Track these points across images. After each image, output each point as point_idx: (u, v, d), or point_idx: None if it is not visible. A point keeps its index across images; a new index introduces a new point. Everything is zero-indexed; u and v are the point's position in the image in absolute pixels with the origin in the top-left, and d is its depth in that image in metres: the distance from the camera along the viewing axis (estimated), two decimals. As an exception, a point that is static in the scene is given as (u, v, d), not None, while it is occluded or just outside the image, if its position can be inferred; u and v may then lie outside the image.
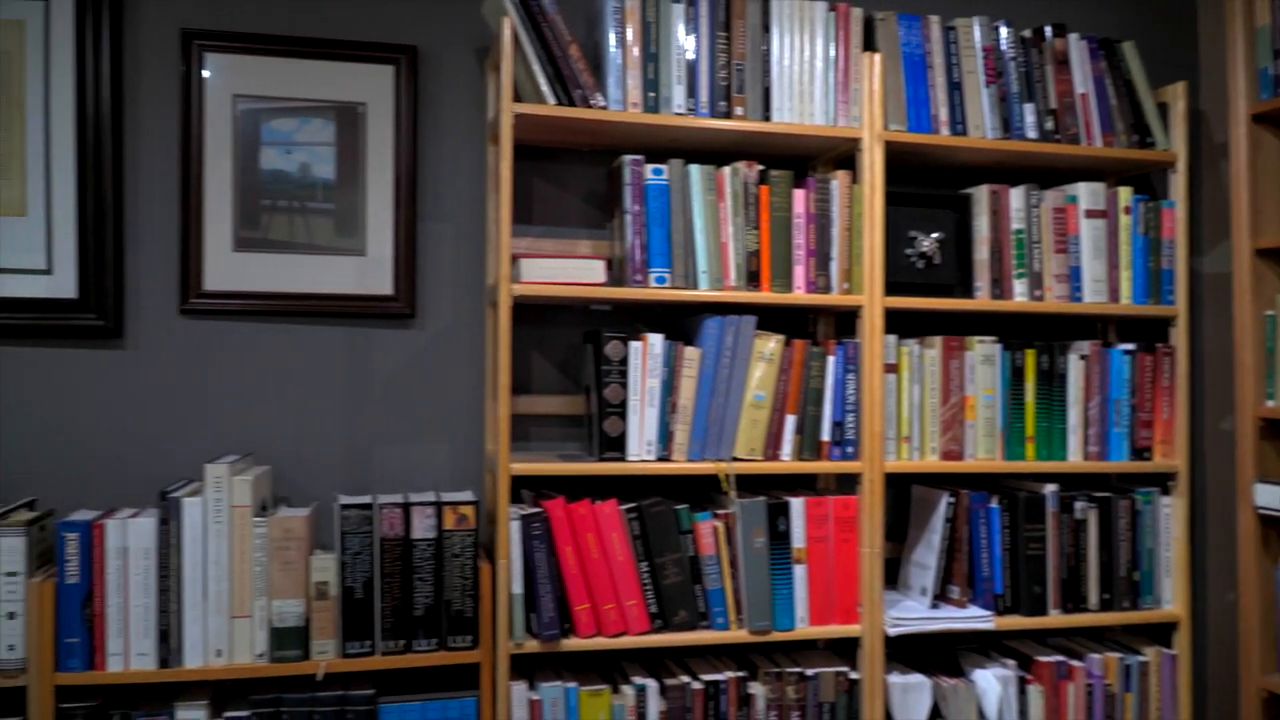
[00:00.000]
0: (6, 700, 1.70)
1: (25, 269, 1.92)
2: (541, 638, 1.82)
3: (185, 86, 1.96)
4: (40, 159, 1.91)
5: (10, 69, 1.90)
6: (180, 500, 1.72)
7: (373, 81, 2.04)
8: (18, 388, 1.92)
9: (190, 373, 1.99)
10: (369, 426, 2.06)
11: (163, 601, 1.71)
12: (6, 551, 1.66)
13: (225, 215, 1.99)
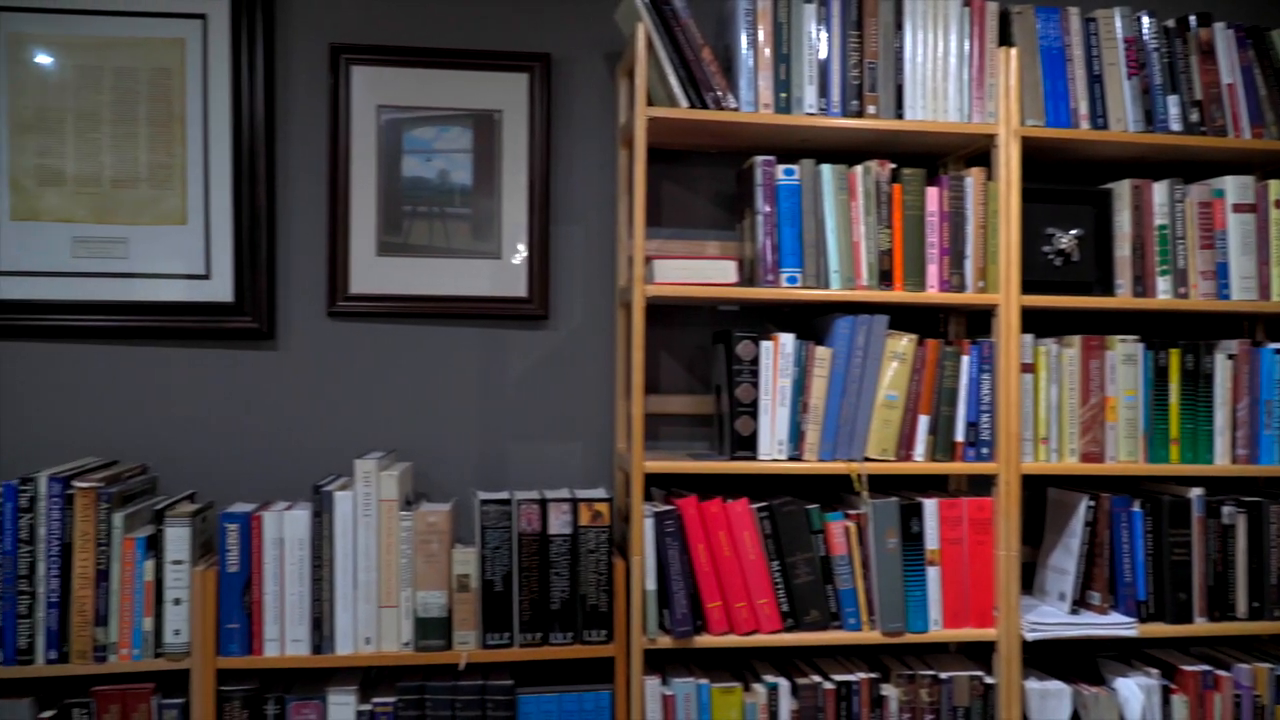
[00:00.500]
0: (172, 682, 1.81)
1: (186, 274, 2.03)
2: (675, 634, 1.84)
3: (333, 99, 2.05)
4: (199, 171, 2.03)
5: (171, 85, 2.02)
6: (332, 494, 1.80)
7: (508, 89, 2.10)
8: (179, 386, 2.04)
9: (336, 372, 2.08)
10: (503, 425, 2.12)
11: (316, 590, 1.79)
12: (172, 541, 1.76)
13: (369, 221, 2.07)
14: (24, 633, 1.72)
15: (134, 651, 1.75)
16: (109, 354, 2.02)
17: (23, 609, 1.72)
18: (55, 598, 1.72)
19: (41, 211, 1.99)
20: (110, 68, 2.00)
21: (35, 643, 1.72)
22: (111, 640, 1.74)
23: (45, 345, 2.01)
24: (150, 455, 2.03)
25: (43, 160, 1.99)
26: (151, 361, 2.03)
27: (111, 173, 2.01)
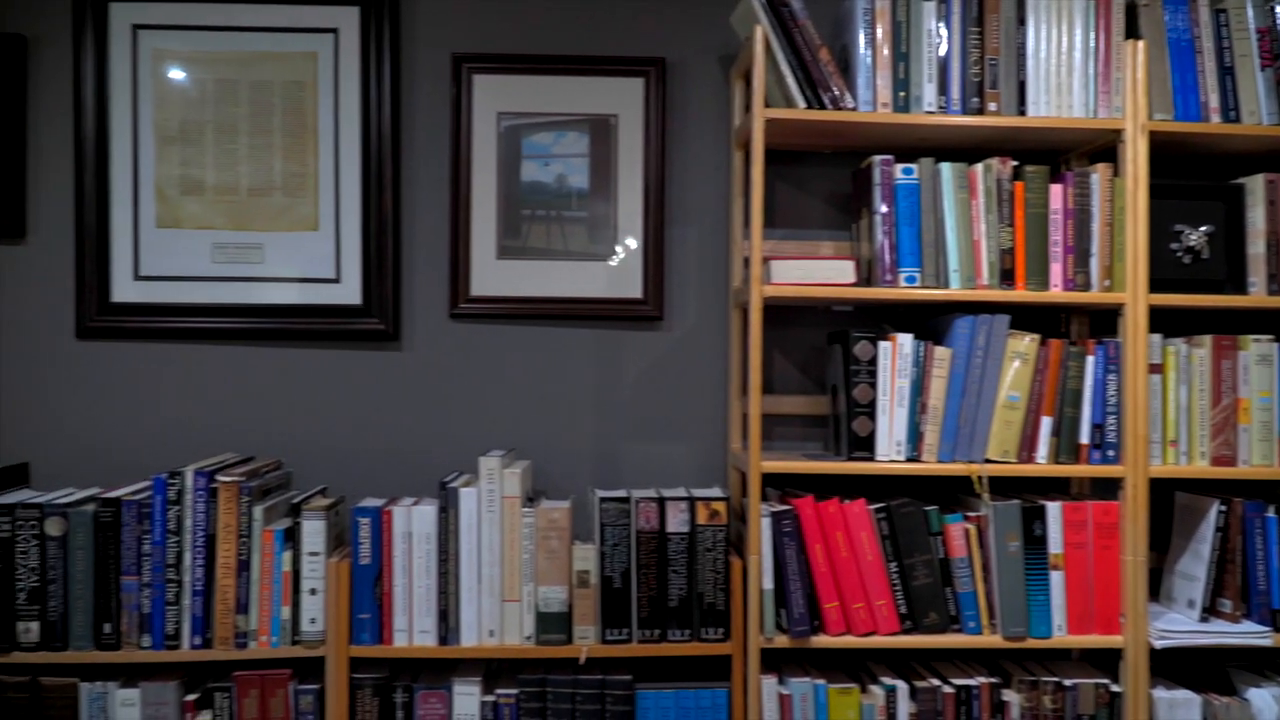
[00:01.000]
0: (308, 668, 1.88)
1: (318, 278, 2.11)
2: (792, 633, 1.85)
3: (455, 107, 2.12)
4: (331, 179, 2.11)
5: (304, 97, 2.11)
6: (457, 490, 1.85)
7: (624, 94, 2.13)
8: (310, 385, 2.12)
9: (458, 372, 2.14)
10: (617, 424, 2.16)
11: (442, 583, 1.85)
12: (309, 534, 1.84)
13: (489, 225, 2.13)
14: (171, 619, 1.81)
15: (272, 639, 1.83)
16: (245, 354, 2.12)
17: (170, 596, 1.81)
18: (200, 586, 1.82)
19: (183, 219, 2.10)
20: (247, 81, 2.10)
21: (181, 629, 1.82)
22: (252, 627, 1.83)
23: (187, 346, 2.11)
24: (284, 451, 2.12)
25: (185, 170, 2.10)
26: (285, 362, 2.12)
27: (248, 182, 2.10)
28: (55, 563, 1.80)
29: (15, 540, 1.79)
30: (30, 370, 2.09)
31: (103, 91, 2.08)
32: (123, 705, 1.82)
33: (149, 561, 1.81)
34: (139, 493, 1.86)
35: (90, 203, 2.08)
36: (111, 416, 2.10)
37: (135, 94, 2.09)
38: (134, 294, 2.10)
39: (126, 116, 2.09)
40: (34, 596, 1.79)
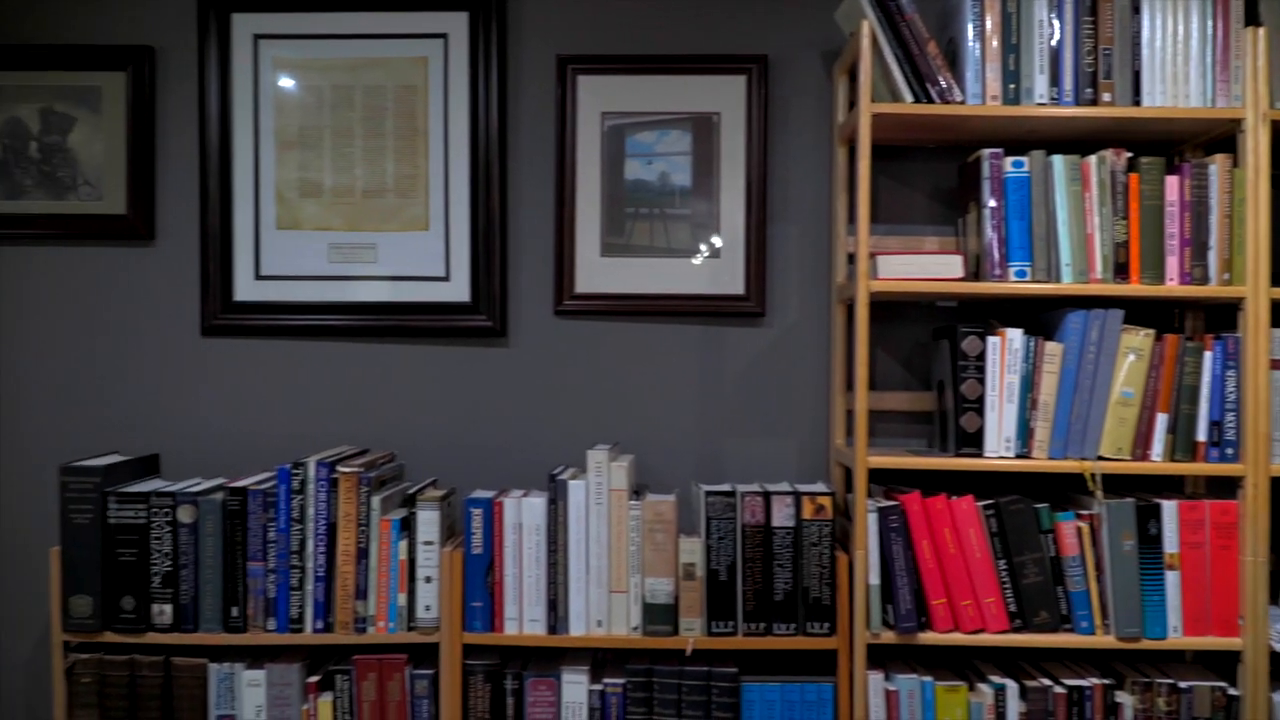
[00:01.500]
0: (422, 654, 1.94)
1: (428, 276, 2.18)
2: (898, 629, 1.84)
3: (560, 108, 2.16)
4: (440, 180, 2.17)
5: (415, 101, 2.17)
6: (566, 483, 1.89)
7: (726, 91, 2.15)
8: (421, 380, 2.19)
9: (562, 368, 2.18)
10: (719, 419, 2.17)
11: (551, 573, 1.89)
12: (424, 523, 1.90)
13: (594, 224, 2.16)
14: (295, 603, 1.89)
15: (389, 624, 1.89)
16: (360, 350, 2.19)
17: (294, 582, 1.89)
18: (321, 572, 1.89)
19: (302, 221, 2.18)
20: (361, 86, 2.17)
21: (304, 613, 1.89)
22: (370, 613, 1.89)
23: (304, 343, 2.19)
24: (395, 444, 2.19)
25: (303, 174, 2.18)
26: (397, 357, 2.19)
27: (363, 184, 2.18)
28: (187, 548, 1.89)
29: (150, 527, 1.88)
30: (159, 366, 2.20)
31: (226, 99, 2.17)
32: (249, 686, 1.90)
33: (274, 548, 1.89)
34: (264, 482, 1.94)
35: (214, 206, 2.17)
36: (234, 410, 2.19)
37: (256, 101, 2.18)
38: (255, 293, 2.19)
39: (248, 123, 2.18)
40: (167, 580, 1.89)
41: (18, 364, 2.20)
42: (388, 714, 1.90)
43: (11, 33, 2.19)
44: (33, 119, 2.18)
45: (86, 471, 1.88)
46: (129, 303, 2.20)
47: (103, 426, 2.19)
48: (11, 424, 2.20)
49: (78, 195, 2.19)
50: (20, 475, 2.19)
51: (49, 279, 2.20)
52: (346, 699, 1.90)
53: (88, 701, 1.90)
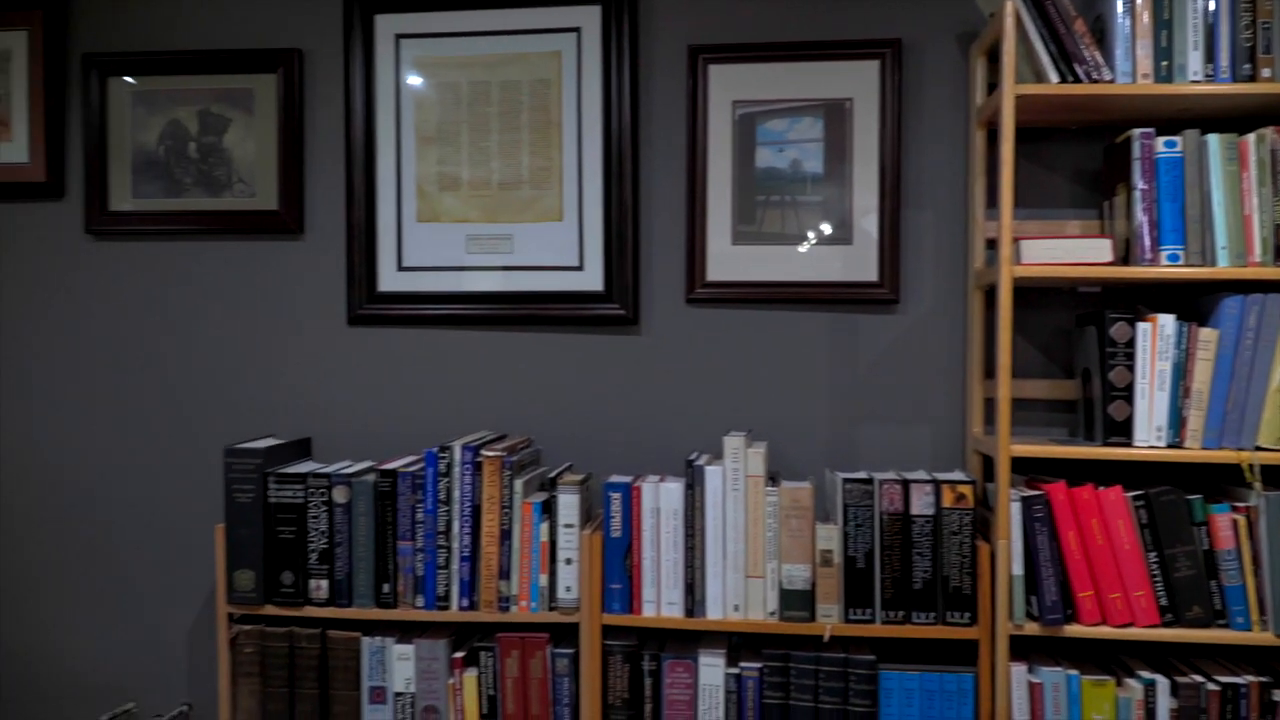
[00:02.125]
0: (563, 633, 2.00)
1: (562, 266, 2.22)
2: (1043, 621, 1.81)
3: (691, 98, 2.18)
4: (574, 171, 2.21)
5: (549, 94, 2.22)
6: (703, 468, 1.92)
7: (859, 77, 2.13)
8: (555, 368, 2.24)
9: (694, 355, 2.20)
10: (851, 406, 2.17)
11: (689, 557, 1.92)
12: (564, 506, 1.94)
13: (725, 212, 2.18)
14: (442, 582, 1.96)
15: (531, 604, 1.95)
16: (497, 339, 2.26)
17: (441, 561, 1.96)
18: (467, 553, 1.95)
19: (441, 213, 2.26)
20: (497, 82, 2.23)
21: (451, 591, 1.96)
22: (513, 593, 1.95)
23: (444, 331, 2.27)
24: (532, 429, 2.24)
25: (442, 168, 2.25)
26: (532, 345, 2.25)
27: (499, 177, 2.23)
28: (341, 527, 1.98)
29: (307, 506, 1.98)
30: (309, 354, 2.30)
31: (369, 97, 2.25)
32: (399, 659, 1.98)
33: (422, 529, 1.96)
34: (411, 465, 2.02)
35: (359, 200, 2.26)
36: (379, 396, 2.28)
37: (398, 98, 2.25)
38: (397, 284, 2.27)
39: (390, 120, 2.26)
40: (323, 557, 1.98)
41: (180, 352, 2.33)
42: (530, 691, 1.96)
43: (172, 40, 2.32)
44: (191, 121, 2.31)
45: (249, 454, 1.99)
46: (280, 294, 2.31)
47: (258, 411, 2.31)
48: (177, 408, 2.33)
49: (232, 192, 2.30)
50: (187, 456, 2.33)
51: (207, 272, 2.32)
52: (490, 675, 1.97)
53: (250, 670, 2.01)
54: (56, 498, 2.37)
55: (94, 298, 2.35)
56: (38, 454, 2.37)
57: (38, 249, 2.37)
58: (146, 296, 2.34)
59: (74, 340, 2.36)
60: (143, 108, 2.31)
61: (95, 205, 2.33)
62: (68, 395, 2.36)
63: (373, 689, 1.99)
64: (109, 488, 2.35)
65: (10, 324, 2.38)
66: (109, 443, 2.35)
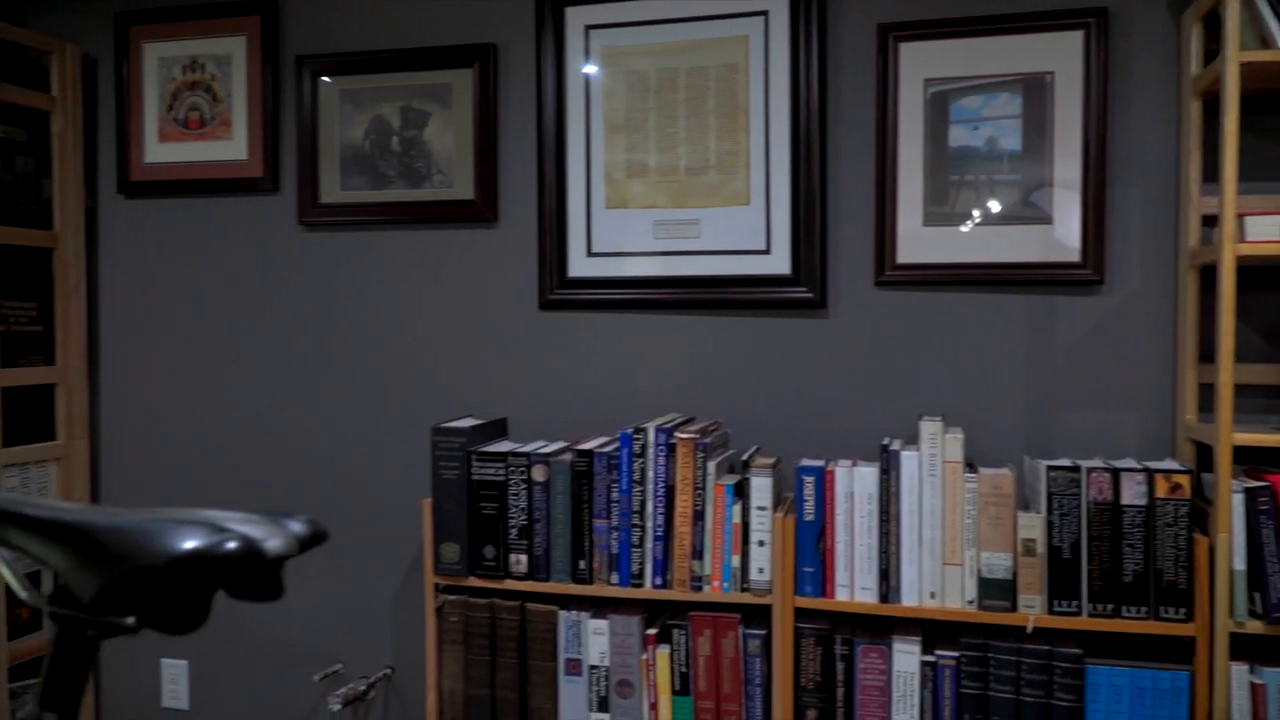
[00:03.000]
0: (754, 614, 2.02)
1: (748, 250, 2.23)
2: (1268, 619, 1.72)
3: (881, 77, 2.14)
4: (761, 155, 2.22)
5: (736, 79, 2.23)
6: (898, 453, 1.89)
7: (1060, 49, 2.05)
8: (742, 351, 2.25)
9: (883, 339, 2.18)
10: (1050, 392, 2.10)
11: (883, 543, 1.91)
12: (757, 489, 1.96)
13: (916, 193, 2.14)
14: (636, 560, 2.01)
15: (723, 584, 1.97)
16: (683, 323, 2.29)
17: (635, 540, 2.01)
18: (660, 532, 2.00)
19: (629, 199, 2.30)
20: (684, 68, 2.25)
21: (644, 569, 2.01)
22: (705, 573, 1.98)
23: (632, 315, 2.32)
24: (719, 412, 2.27)
25: (630, 155, 2.29)
26: (718, 329, 2.27)
27: (686, 162, 2.26)
28: (540, 504, 2.05)
29: (508, 484, 2.06)
30: (503, 338, 2.39)
31: (560, 88, 2.32)
32: (594, 634, 2.04)
33: (617, 508, 2.01)
34: (606, 445, 2.07)
35: (550, 188, 2.33)
36: (569, 378, 2.35)
37: (587, 88, 2.31)
38: (587, 269, 2.33)
39: (580, 109, 2.31)
40: (523, 533, 2.06)
41: (384, 335, 2.46)
42: (721, 669, 1.99)
43: (375, 40, 2.44)
44: (394, 116, 2.42)
45: (454, 432, 2.09)
46: (475, 280, 2.41)
47: (455, 391, 2.42)
48: (382, 387, 2.47)
49: (431, 183, 2.41)
50: (394, 434, 2.46)
51: (408, 260, 2.44)
52: (683, 652, 2.01)
53: (454, 639, 2.11)
54: (275, 471, 2.55)
55: (306, 284, 2.51)
56: (257, 428, 2.55)
57: (256, 239, 2.54)
58: (353, 283, 2.48)
59: (288, 323, 2.53)
60: (350, 105, 2.45)
61: (307, 198, 2.48)
62: (284, 375, 2.54)
63: (568, 661, 2.06)
64: (322, 461, 2.51)
65: (231, 307, 2.57)
66: (321, 419, 2.51)
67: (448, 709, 2.12)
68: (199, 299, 2.59)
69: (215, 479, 2.59)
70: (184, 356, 2.61)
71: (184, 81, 2.56)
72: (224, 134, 2.54)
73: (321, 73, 2.46)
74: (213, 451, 2.59)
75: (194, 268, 2.59)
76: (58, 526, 0.74)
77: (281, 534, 0.72)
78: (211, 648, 2.61)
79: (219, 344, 2.58)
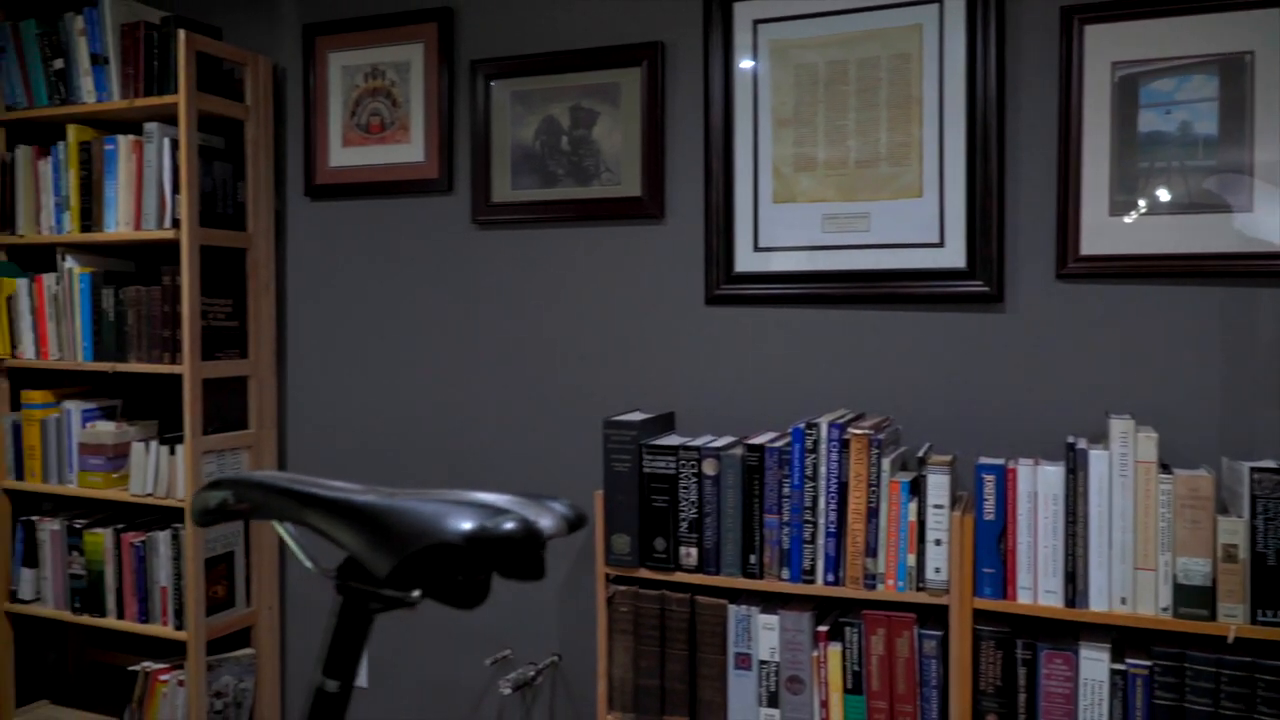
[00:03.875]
0: (930, 614, 1.98)
1: (920, 243, 2.19)
2: None
3: (1064, 62, 2.07)
4: (934, 146, 2.17)
5: (909, 69, 2.19)
6: (1087, 452, 1.83)
7: (1262, 26, 1.94)
8: (914, 347, 2.21)
9: (1066, 334, 2.10)
10: (1249, 390, 1.98)
11: (1069, 545, 1.84)
12: (934, 487, 1.92)
13: (1101, 181, 2.05)
14: (807, 556, 2.00)
15: (898, 583, 1.94)
16: (852, 317, 2.26)
17: (806, 536, 2.00)
18: (833, 529, 1.98)
19: (797, 194, 2.29)
20: (855, 60, 2.23)
21: (816, 565, 2.00)
22: (879, 571, 1.96)
23: (798, 310, 2.30)
24: (888, 408, 2.23)
25: (798, 149, 2.28)
26: (889, 324, 2.23)
27: (856, 155, 2.23)
28: (710, 498, 2.07)
29: (679, 477, 2.08)
30: (669, 332, 2.42)
31: (728, 84, 2.32)
32: (764, 628, 2.04)
33: (788, 503, 2.01)
34: (776, 440, 2.07)
35: (717, 184, 2.34)
36: (735, 373, 2.36)
37: (755, 83, 2.31)
38: (753, 264, 2.33)
39: (747, 104, 2.31)
40: (693, 526, 2.08)
41: (554, 328, 2.53)
42: (895, 669, 1.96)
43: (545, 42, 2.50)
44: (564, 116, 2.48)
45: (625, 425, 2.12)
46: (642, 275, 2.44)
47: (623, 385, 2.46)
48: (553, 382, 2.53)
49: (599, 181, 2.46)
50: (563, 427, 2.52)
51: (576, 256, 2.50)
52: (855, 650, 1.99)
53: (624, 629, 2.15)
54: (449, 461, 2.64)
55: (479, 280, 2.60)
56: (431, 419, 2.66)
57: (431, 238, 2.64)
58: (523, 279, 2.55)
59: (462, 318, 2.62)
60: (521, 106, 2.52)
61: (480, 197, 2.57)
62: (457, 368, 2.63)
63: (738, 655, 2.07)
64: (493, 452, 2.60)
65: (408, 303, 2.68)
66: (493, 411, 2.59)
67: (617, 697, 2.16)
68: (377, 295, 2.71)
69: (391, 468, 2.71)
70: (363, 350, 2.73)
71: (366, 88, 2.68)
72: (402, 137, 2.65)
73: (494, 76, 2.54)
74: (389, 441, 2.71)
75: (373, 265, 2.72)
76: (352, 508, 0.79)
77: (551, 515, 0.76)
78: (388, 629, 2.73)
79: (396, 338, 2.69)
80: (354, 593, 0.80)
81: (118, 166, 2.64)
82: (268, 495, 0.84)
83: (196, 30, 2.61)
